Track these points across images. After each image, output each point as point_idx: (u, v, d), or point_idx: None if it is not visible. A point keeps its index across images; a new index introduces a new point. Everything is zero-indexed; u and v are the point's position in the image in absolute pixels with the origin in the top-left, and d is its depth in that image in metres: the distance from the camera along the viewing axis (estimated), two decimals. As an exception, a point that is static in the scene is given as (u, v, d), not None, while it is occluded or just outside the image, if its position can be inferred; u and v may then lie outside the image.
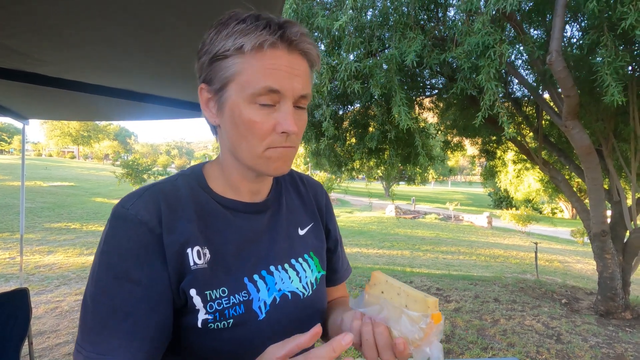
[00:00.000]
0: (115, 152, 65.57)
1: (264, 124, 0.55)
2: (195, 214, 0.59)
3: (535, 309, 4.19)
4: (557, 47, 3.17)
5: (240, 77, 0.54)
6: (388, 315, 0.52)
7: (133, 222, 0.54)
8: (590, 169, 3.89)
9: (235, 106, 0.55)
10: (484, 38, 3.10)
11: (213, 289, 0.57)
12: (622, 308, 4.18)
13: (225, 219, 0.62)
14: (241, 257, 0.61)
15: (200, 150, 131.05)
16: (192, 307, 0.56)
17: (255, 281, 0.61)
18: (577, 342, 3.32)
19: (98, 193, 17.51)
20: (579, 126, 3.66)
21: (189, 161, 76.43)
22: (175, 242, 0.56)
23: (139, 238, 0.53)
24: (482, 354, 3.07)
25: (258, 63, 0.54)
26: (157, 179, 19.73)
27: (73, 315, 3.76)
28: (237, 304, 0.58)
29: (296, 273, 0.66)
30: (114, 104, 2.73)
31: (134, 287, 0.52)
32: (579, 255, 10.97)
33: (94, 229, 9.01)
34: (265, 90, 0.53)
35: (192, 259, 0.56)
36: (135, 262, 0.53)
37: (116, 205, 0.56)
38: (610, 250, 4.17)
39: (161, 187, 0.60)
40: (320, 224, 0.76)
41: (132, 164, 16.70)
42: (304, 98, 0.57)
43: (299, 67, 0.56)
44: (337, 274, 0.81)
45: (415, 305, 0.51)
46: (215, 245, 0.59)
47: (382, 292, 0.55)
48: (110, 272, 0.52)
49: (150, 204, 0.56)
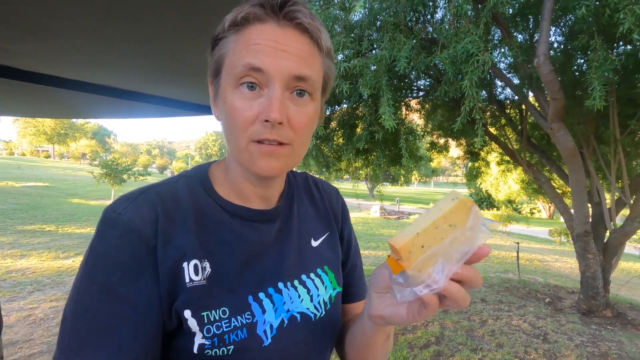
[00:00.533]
0: (93, 152, 63.58)
1: (245, 110, 0.47)
2: (195, 222, 0.52)
3: (521, 309, 4.24)
4: (544, 50, 3.21)
5: (228, 59, 0.49)
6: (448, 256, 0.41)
7: (124, 230, 0.47)
8: (575, 170, 3.97)
9: (223, 93, 0.50)
10: (468, 45, 3.11)
11: (211, 309, 0.50)
12: (603, 306, 4.29)
13: (230, 229, 0.55)
14: (246, 273, 0.54)
15: (182, 150, 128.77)
16: (188, 329, 0.49)
17: (260, 300, 0.54)
18: (563, 342, 3.37)
19: (75, 194, 16.90)
20: (564, 129, 3.73)
21: (170, 161, 74.91)
22: (170, 255, 0.49)
23: (129, 249, 0.47)
24: (472, 356, 3.07)
25: (243, 40, 0.47)
26: (137, 179, 19.26)
27: (48, 323, 3.56)
28: (239, 328, 0.51)
29: (307, 291, 0.59)
30: (93, 100, 2.58)
31: (120, 305, 0.46)
32: (557, 254, 11.31)
33: (70, 231, 8.64)
34: (245, 69, 0.46)
35: (188, 274, 0.49)
36: (123, 277, 0.46)
37: (107, 208, 0.50)
38: (592, 250, 4.27)
39: (159, 190, 0.53)
40: (336, 234, 0.68)
41: (111, 164, 16.17)
42: (302, 80, 0.48)
43: (292, 43, 0.47)
44: (354, 287, 0.71)
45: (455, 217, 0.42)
46: (217, 259, 0.52)
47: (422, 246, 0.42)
48: (94, 285, 0.46)
49: (146, 210, 0.49)
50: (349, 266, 0.71)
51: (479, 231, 0.41)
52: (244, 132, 0.47)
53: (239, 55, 0.47)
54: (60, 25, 1.35)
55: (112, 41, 1.54)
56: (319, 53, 0.51)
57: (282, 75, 0.46)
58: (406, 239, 0.41)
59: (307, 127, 0.50)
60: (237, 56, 0.47)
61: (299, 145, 0.51)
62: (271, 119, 0.45)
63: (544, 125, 3.94)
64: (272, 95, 0.46)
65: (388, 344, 0.60)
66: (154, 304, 0.47)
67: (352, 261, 0.71)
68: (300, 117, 0.49)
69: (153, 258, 0.48)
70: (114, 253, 0.47)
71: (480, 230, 0.41)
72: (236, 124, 0.48)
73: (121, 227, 0.47)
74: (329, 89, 0.56)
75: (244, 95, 0.47)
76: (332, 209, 0.70)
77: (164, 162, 61.90)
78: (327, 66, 0.53)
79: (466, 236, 0.41)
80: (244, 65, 0.46)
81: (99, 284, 0.46)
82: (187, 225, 0.51)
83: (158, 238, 0.48)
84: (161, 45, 1.64)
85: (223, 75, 0.50)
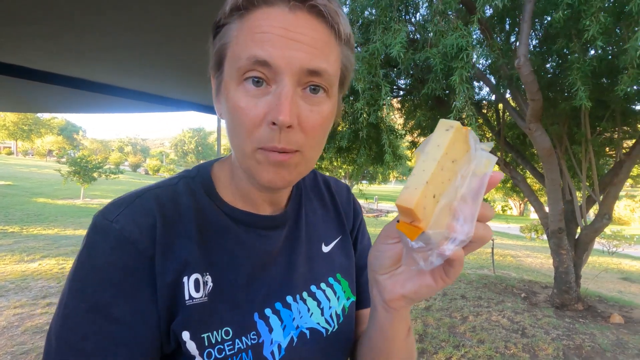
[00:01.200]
0: (61, 148, 60.63)
1: (250, 110, 0.40)
2: (197, 230, 0.47)
3: (500, 305, 4.35)
4: (524, 52, 3.29)
5: (230, 49, 0.42)
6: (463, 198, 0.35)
7: (117, 241, 0.42)
8: (550, 169, 4.10)
9: (226, 89, 0.43)
10: (457, 40, 3.14)
11: (213, 330, 0.45)
12: (575, 300, 4.46)
13: (235, 237, 0.49)
14: (252, 287, 0.49)
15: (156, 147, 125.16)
16: (186, 353, 0.44)
17: (267, 317, 0.49)
18: (540, 336, 3.47)
19: (40, 193, 16.02)
20: (542, 129, 3.84)
21: (144, 159, 72.57)
22: (170, 268, 0.44)
23: (123, 262, 0.41)
24: (454, 352, 3.11)
25: (247, 28, 0.40)
26: (109, 177, 18.49)
27: (12, 331, 3.32)
28: (243, 350, 0.45)
29: (317, 304, 0.54)
30: (60, 93, 2.40)
31: (112, 326, 0.41)
32: (528, 250, 11.78)
33: (35, 232, 8.16)
34: (250, 62, 0.39)
35: (188, 291, 0.44)
36: (116, 294, 0.41)
37: (97, 214, 0.44)
38: (565, 247, 4.43)
39: (157, 193, 0.47)
40: (348, 237, 0.63)
41: (80, 161, 15.43)
42: (317, 75, 0.41)
43: (305, 30, 0.40)
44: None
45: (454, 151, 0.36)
46: (220, 271, 0.47)
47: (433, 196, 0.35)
48: (82, 304, 0.40)
49: (142, 217, 0.44)
50: (361, 267, 0.65)
51: (481, 158, 0.35)
52: (249, 135, 0.41)
53: (242, 46, 0.40)
54: (26, 10, 1.22)
55: (83, 29, 1.41)
56: (336, 41, 0.43)
57: (293, 70, 0.39)
58: (417, 193, 0.33)
59: (321, 129, 0.43)
60: (241, 47, 0.40)
61: (310, 150, 0.43)
62: (279, 121, 0.39)
63: (522, 125, 4.04)
64: (281, 93, 0.39)
65: (410, 341, 0.52)
66: (151, 325, 0.42)
67: (364, 261, 0.64)
68: (314, 119, 0.42)
69: (150, 271, 0.42)
70: (105, 267, 0.41)
71: (482, 156, 0.35)
72: (240, 126, 0.41)
73: (113, 237, 0.42)
74: (348, 83, 0.49)
75: (248, 92, 0.41)
76: (344, 209, 0.65)
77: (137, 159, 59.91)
78: (345, 56, 0.45)
79: (472, 169, 0.35)
80: (248, 57, 0.39)
81: (89, 302, 0.40)
82: (189, 233, 0.46)
83: (156, 248, 0.43)
84: (138, 36, 1.53)
85: (226, 69, 0.43)
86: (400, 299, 0.41)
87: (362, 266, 0.64)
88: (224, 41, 0.43)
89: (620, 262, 11.90)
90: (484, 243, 0.35)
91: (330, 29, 0.42)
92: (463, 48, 3.15)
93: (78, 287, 0.41)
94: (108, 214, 0.43)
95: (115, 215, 0.43)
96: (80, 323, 0.40)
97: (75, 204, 14.13)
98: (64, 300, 0.42)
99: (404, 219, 0.35)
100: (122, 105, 3.13)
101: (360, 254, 0.65)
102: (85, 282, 0.41)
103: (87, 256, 0.42)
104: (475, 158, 0.35)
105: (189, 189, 0.49)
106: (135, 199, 0.45)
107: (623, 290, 7.57)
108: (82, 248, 0.43)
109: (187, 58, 1.83)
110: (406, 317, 0.47)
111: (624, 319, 4.12)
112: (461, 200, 0.34)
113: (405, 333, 0.49)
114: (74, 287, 0.41)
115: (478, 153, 0.35)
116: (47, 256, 6.06)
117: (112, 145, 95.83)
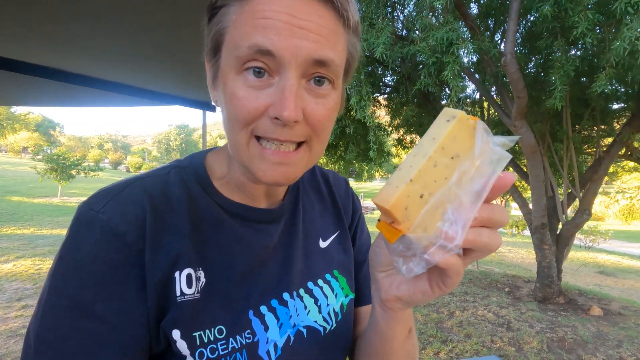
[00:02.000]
0: (36, 145, 58.49)
1: (249, 101, 0.38)
2: (190, 223, 0.44)
3: (485, 299, 4.42)
4: (510, 49, 3.32)
5: (229, 34, 0.39)
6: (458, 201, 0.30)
7: (103, 233, 0.39)
8: (534, 166, 4.17)
9: (223, 77, 0.40)
10: (448, 34, 3.14)
11: (205, 328, 0.42)
12: (557, 294, 4.58)
13: (231, 231, 0.46)
14: (247, 283, 0.46)
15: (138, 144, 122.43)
16: (177, 352, 0.41)
17: (262, 315, 0.46)
18: (525, 329, 3.54)
19: (15, 191, 15.40)
20: (526, 126, 3.90)
21: (125, 156, 70.78)
22: (160, 263, 0.41)
23: (109, 256, 0.38)
24: (442, 347, 3.13)
25: (248, 12, 0.37)
26: (88, 175, 17.93)
27: (-17, 336, 3.15)
28: (237, 350, 0.43)
29: (314, 301, 0.52)
30: (32, 84, 2.27)
31: (96, 325, 0.37)
32: (509, 245, 12.10)
33: (10, 232, 7.82)
34: (251, 51, 0.36)
35: (179, 287, 0.41)
36: (101, 291, 0.38)
37: (82, 204, 0.41)
38: (548, 242, 4.53)
39: (146, 184, 0.43)
40: (347, 233, 0.61)
41: (57, 158, 14.89)
42: (323, 65, 0.38)
43: (312, 17, 0.37)
44: (368, 289, 0.61)
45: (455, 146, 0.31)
46: (214, 267, 0.44)
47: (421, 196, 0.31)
48: (64, 300, 0.37)
49: (130, 207, 0.41)
50: (360, 262, 0.62)
51: (492, 155, 0.31)
52: (245, 126, 0.39)
53: (243, 32, 0.37)
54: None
55: (57, 15, 1.32)
56: (344, 29, 0.40)
57: (298, 60, 0.36)
58: (397, 192, 0.30)
59: (328, 121, 0.41)
60: (241, 33, 0.37)
61: (317, 143, 0.42)
62: (284, 118, 0.36)
63: (507, 122, 4.10)
64: (285, 86, 0.37)
65: (411, 343, 0.49)
66: (138, 323, 0.39)
67: (363, 256, 0.63)
68: (320, 112, 0.39)
69: (139, 266, 0.40)
70: (89, 261, 0.38)
71: (493, 153, 0.31)
72: (237, 117, 0.39)
73: (99, 229, 0.39)
74: (352, 72, 0.46)
75: (248, 82, 0.38)
76: (342, 203, 0.62)
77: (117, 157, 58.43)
78: (352, 45, 0.43)
79: (477, 166, 0.31)
80: (249, 46, 0.36)
81: (71, 298, 0.37)
82: (181, 226, 0.43)
83: (146, 242, 0.40)
84: (118, 24, 1.44)
85: (223, 55, 0.40)
86: (395, 300, 0.39)
87: (360, 261, 0.62)
88: (221, 25, 0.39)
89: (596, 256, 12.35)
90: (490, 252, 0.31)
91: (338, 16, 0.39)
92: (453, 42, 3.16)
93: (59, 283, 0.38)
94: (94, 204, 0.40)
95: (101, 206, 0.40)
96: (62, 322, 0.37)
97: (52, 202, 13.63)
98: (44, 298, 0.38)
99: (384, 218, 0.32)
100: (101, 99, 3.00)
101: (358, 250, 0.62)
102: (67, 277, 0.38)
103: (70, 249, 0.39)
104: (483, 154, 0.31)
105: (181, 179, 0.46)
106: (123, 188, 0.42)
107: (600, 284, 7.85)
108: (64, 240, 0.40)
109: (171, 47, 1.75)
110: (406, 319, 0.44)
111: (603, 311, 4.25)
112: (456, 201, 0.30)
113: (405, 335, 0.47)
114: (55, 283, 0.38)
115: (488, 148, 0.31)
116: (22, 257, 5.82)
117: (91, 142, 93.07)
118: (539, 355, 3.08)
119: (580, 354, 3.13)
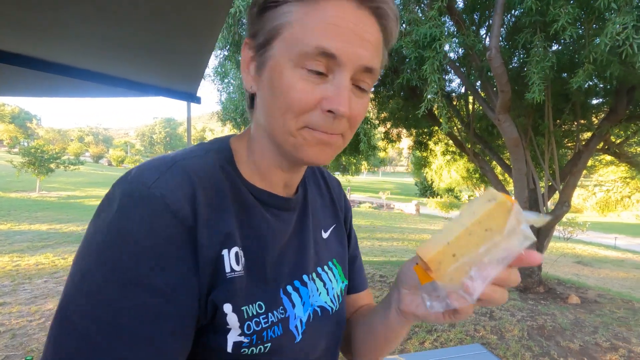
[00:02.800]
0: (12, 138, 56.35)
1: (306, 93, 0.42)
2: (233, 204, 0.47)
3: (468, 290, 4.53)
4: (495, 44, 3.36)
5: (290, 30, 0.42)
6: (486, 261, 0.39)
7: (158, 208, 0.39)
8: (517, 159, 4.26)
9: (277, 67, 0.43)
10: (431, 29, 3.15)
11: (249, 303, 0.45)
12: (537, 283, 4.73)
13: (261, 215, 0.50)
14: (278, 264, 0.51)
15: (120, 137, 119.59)
16: (222, 325, 0.43)
17: (289, 294, 0.51)
18: (507, 318, 3.65)
19: (-10, 185, 14.85)
20: (510, 120, 3.97)
21: (106, 149, 68.95)
22: (211, 240, 0.43)
23: (164, 231, 0.39)
24: (427, 337, 3.20)
25: (315, 14, 0.41)
26: (68, 168, 17.40)
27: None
28: (275, 324, 0.47)
29: (323, 284, 0.57)
30: (10, 73, 2.17)
31: (154, 298, 0.38)
32: (493, 237, 12.40)
33: (-15, 228, 7.55)
34: (317, 51, 0.40)
35: (229, 263, 0.44)
36: (156, 264, 0.38)
37: (128, 180, 0.41)
38: (529, 233, 4.66)
39: (191, 164, 0.45)
40: (342, 226, 0.67)
41: (34, 152, 14.40)
42: (369, 73, 0.43)
43: (369, 29, 0.42)
44: (358, 279, 0.71)
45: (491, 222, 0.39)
46: (252, 248, 0.48)
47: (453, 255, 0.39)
48: (117, 276, 0.37)
49: (182, 185, 0.42)
50: (352, 257, 0.70)
51: (519, 234, 0.38)
52: (298, 116, 0.43)
53: (310, 33, 0.41)
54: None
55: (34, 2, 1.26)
56: (383, 44, 0.46)
57: (354, 65, 0.42)
58: (435, 249, 0.39)
59: (361, 119, 0.47)
60: (308, 33, 0.41)
61: (349, 135, 0.48)
62: (339, 112, 0.41)
63: (491, 116, 4.16)
64: (341, 85, 0.41)
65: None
66: (192, 296, 0.41)
67: (353, 252, 0.70)
68: (358, 110, 0.45)
69: (192, 242, 0.41)
70: (143, 235, 0.38)
71: (521, 233, 0.38)
72: (291, 106, 0.42)
73: (153, 204, 0.39)
74: None
75: (306, 76, 0.42)
76: (337, 199, 0.68)
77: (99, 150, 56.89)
78: (385, 59, 0.49)
79: (506, 241, 0.38)
80: (316, 47, 0.40)
81: (125, 274, 0.37)
82: (227, 206, 0.46)
83: (198, 219, 0.42)
84: (98, 10, 1.39)
85: (278, 47, 0.43)
86: (412, 315, 0.48)
87: (350, 255, 0.69)
88: (280, 21, 0.43)
89: (574, 247, 12.79)
90: (494, 305, 0.40)
91: (384, 32, 0.45)
92: (436, 38, 3.18)
93: (110, 258, 0.37)
94: (145, 179, 0.40)
95: (153, 181, 0.40)
96: (116, 297, 0.37)
97: (30, 197, 13.21)
98: (87, 276, 0.37)
99: (421, 264, 0.40)
100: (80, 89, 2.90)
101: (351, 242, 0.70)
102: (120, 253, 0.37)
103: (118, 224, 0.38)
104: (514, 232, 0.38)
105: (219, 162, 0.48)
106: (171, 165, 0.43)
107: (578, 273, 8.14)
108: (110, 215, 0.39)
109: (155, 34, 1.70)
110: (412, 322, 0.54)
111: (580, 300, 4.41)
112: (480, 265, 0.38)
113: (406, 331, 0.57)
114: (105, 259, 0.37)
115: (522, 230, 0.37)
116: (1, 252, 5.63)
117: (71, 134, 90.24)
118: (519, 342, 3.18)
119: (558, 340, 3.24)
